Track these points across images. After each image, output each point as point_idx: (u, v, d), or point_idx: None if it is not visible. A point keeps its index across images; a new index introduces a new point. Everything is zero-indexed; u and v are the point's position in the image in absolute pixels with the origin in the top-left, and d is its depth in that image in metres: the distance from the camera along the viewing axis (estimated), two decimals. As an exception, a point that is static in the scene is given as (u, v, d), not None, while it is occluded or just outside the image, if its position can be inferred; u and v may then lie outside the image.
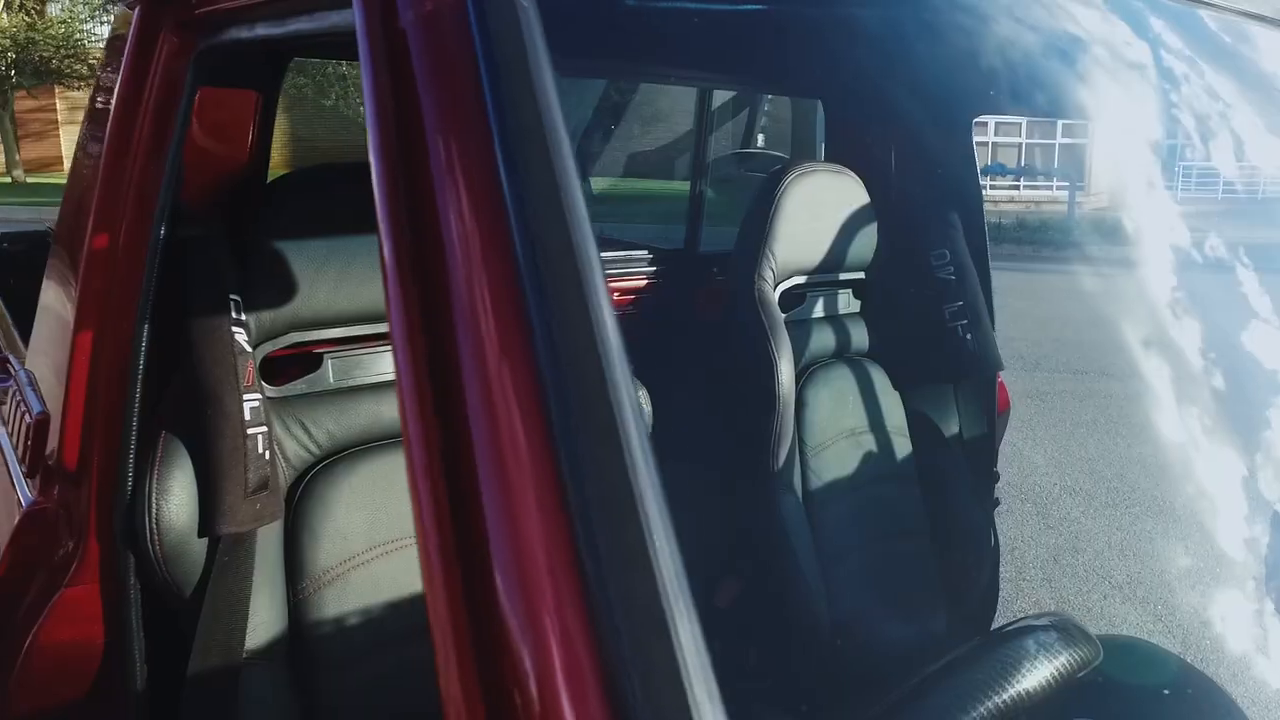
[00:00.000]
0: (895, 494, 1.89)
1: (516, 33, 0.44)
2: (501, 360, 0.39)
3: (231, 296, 1.13)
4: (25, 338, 1.63)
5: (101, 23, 17.50)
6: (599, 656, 0.35)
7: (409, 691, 1.25)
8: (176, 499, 1.04)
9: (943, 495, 1.93)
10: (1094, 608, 3.21)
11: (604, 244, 2.13)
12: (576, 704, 0.34)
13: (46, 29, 16.43)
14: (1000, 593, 2.06)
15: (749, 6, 1.22)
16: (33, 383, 1.24)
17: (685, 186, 2.32)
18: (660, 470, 0.39)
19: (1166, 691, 1.40)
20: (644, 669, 0.35)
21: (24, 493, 1.14)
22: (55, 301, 1.19)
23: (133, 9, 1.10)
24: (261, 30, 0.85)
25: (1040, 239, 11.58)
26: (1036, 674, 0.71)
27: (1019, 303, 8.16)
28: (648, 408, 1.32)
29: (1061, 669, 0.73)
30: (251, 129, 1.25)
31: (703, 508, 1.71)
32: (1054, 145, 16.40)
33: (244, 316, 1.15)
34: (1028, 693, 0.70)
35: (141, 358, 1.04)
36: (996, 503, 2.06)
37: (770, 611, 1.69)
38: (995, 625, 2.05)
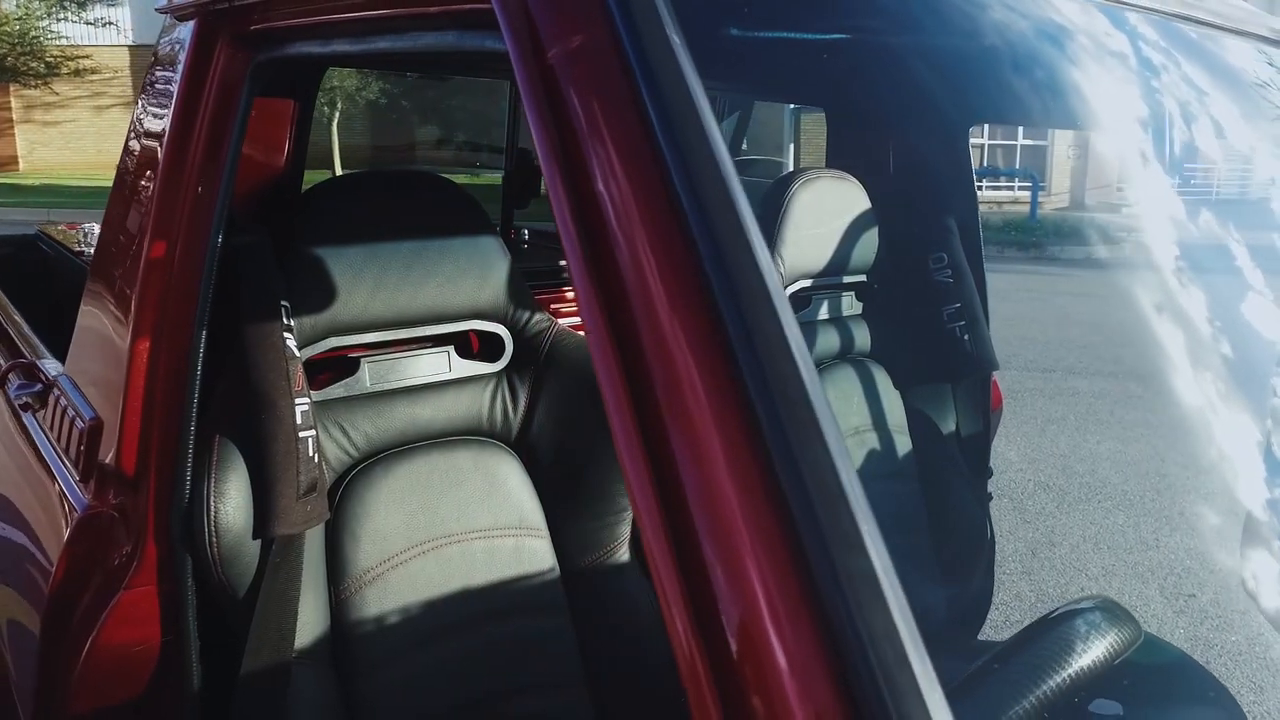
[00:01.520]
0: (896, 490, 1.95)
1: (674, 64, 0.48)
2: (676, 332, 0.44)
3: (281, 302, 1.16)
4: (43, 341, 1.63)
5: (58, 19, 17.18)
6: (811, 609, 0.40)
7: (448, 689, 1.28)
8: (233, 502, 1.07)
9: (941, 491, 1.99)
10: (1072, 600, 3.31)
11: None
12: (788, 651, 0.39)
13: (2, 26, 16.09)
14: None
15: (791, 35, 1.27)
16: (78, 389, 1.25)
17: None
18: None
19: (1162, 673, 1.46)
20: (863, 626, 0.39)
21: (76, 497, 1.15)
22: (102, 310, 1.21)
23: (182, 21, 1.12)
24: (339, 46, 0.88)
25: (1003, 239, 11.78)
26: (1091, 653, 0.77)
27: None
28: None
29: (1111, 648, 0.78)
30: (288, 137, 1.28)
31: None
32: (1015, 146, 16.70)
33: (290, 321, 1.18)
34: (1084, 670, 0.76)
35: (199, 364, 1.07)
36: (990, 497, 2.13)
37: None
38: (990, 617, 2.13)
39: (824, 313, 1.92)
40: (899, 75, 1.83)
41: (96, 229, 3.22)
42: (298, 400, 1.13)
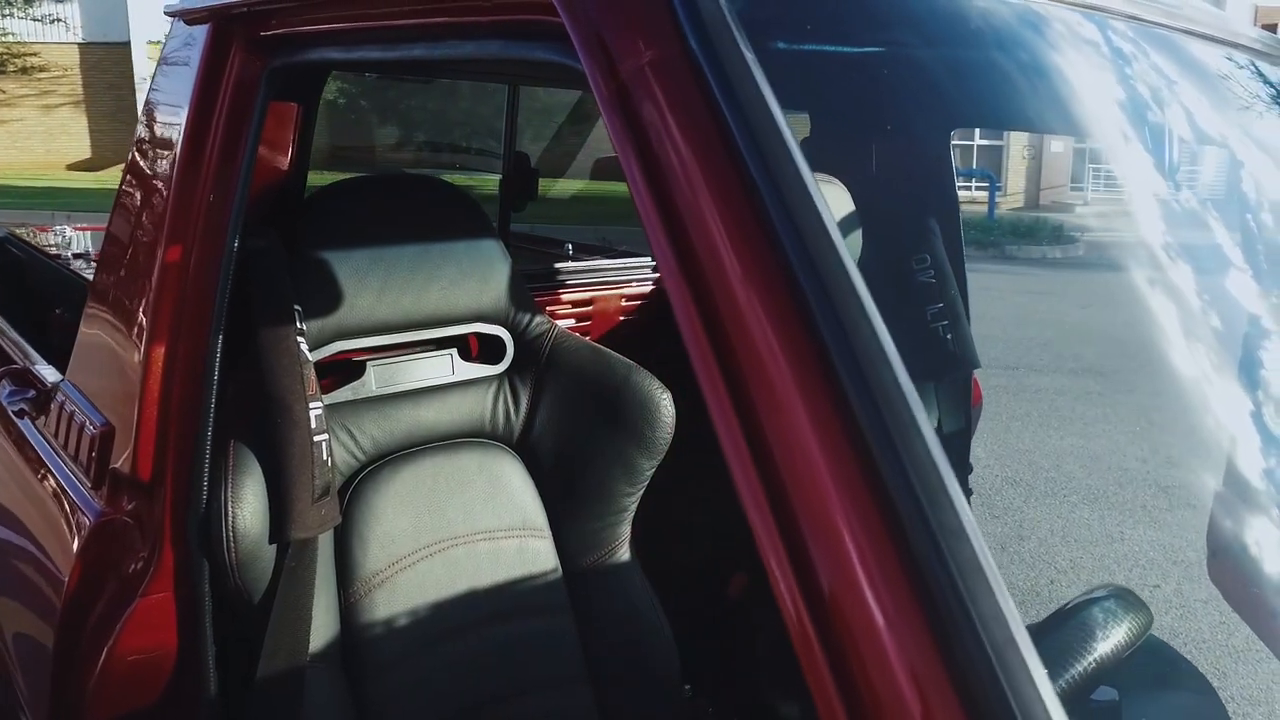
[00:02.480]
0: None
1: (749, 76, 0.50)
2: (765, 330, 0.47)
3: (294, 306, 1.16)
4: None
5: (4, 15, 16.78)
6: (906, 568, 0.43)
7: (455, 691, 1.29)
8: (250, 506, 1.07)
9: (925, 487, 2.03)
10: (1042, 592, 3.38)
11: (612, 254, 2.19)
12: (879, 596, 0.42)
13: (-56, 22, 15.70)
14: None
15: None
16: (84, 395, 1.24)
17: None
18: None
19: (1146, 660, 1.51)
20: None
21: (87, 504, 1.14)
22: (111, 316, 1.20)
23: (192, 25, 1.12)
24: (366, 53, 0.89)
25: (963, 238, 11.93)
26: (1110, 640, 0.80)
27: (947, 301, 8.41)
28: (671, 409, 1.38)
29: (1128, 634, 0.82)
30: (292, 141, 1.28)
31: (713, 501, 1.78)
32: (972, 146, 16.95)
33: (303, 325, 1.18)
34: (1104, 657, 0.79)
35: (215, 369, 1.07)
36: (970, 493, 2.17)
37: (778, 604, 1.77)
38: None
39: None
40: (886, 80, 1.87)
41: (69, 230, 3.17)
42: (311, 404, 1.13)
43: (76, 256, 2.51)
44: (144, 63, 18.56)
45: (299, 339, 1.15)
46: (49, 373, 1.43)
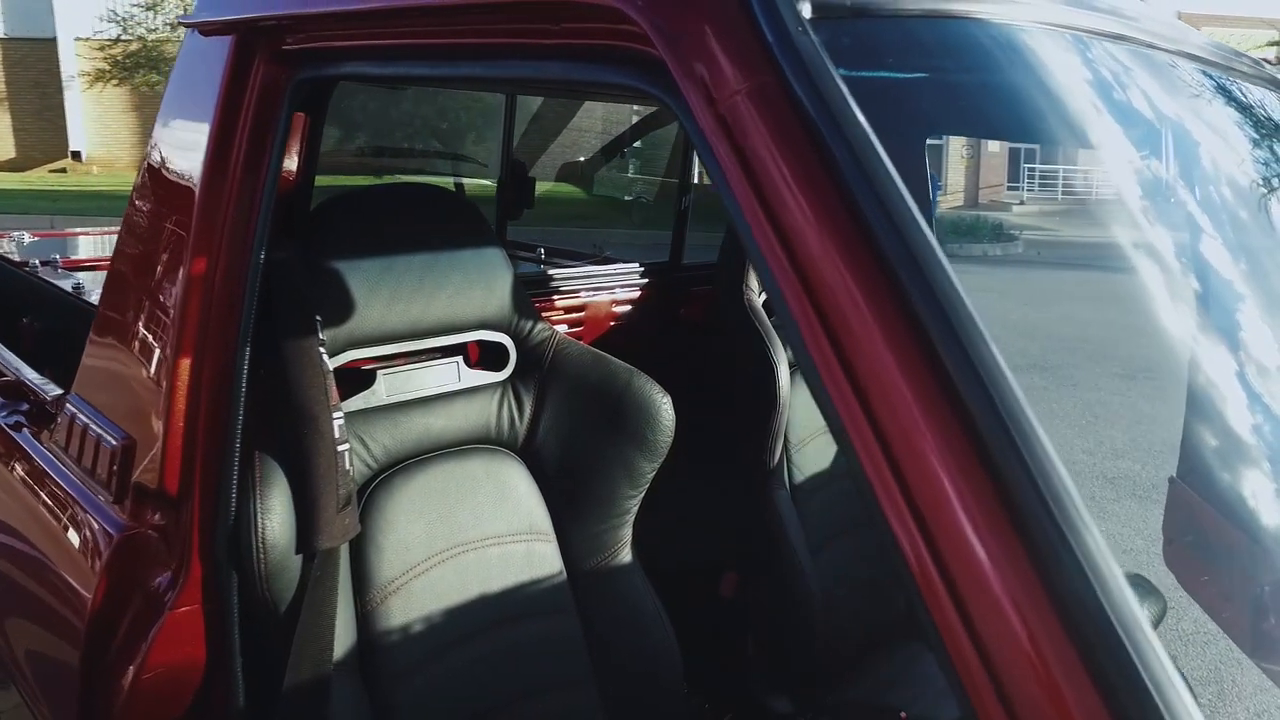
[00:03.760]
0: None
1: (843, 100, 0.54)
2: (877, 339, 0.54)
3: (315, 317, 1.16)
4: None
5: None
6: (1008, 514, 0.50)
7: (469, 695, 1.30)
8: (278, 517, 1.07)
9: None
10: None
11: (601, 260, 2.22)
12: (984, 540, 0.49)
13: None
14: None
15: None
16: (98, 410, 1.23)
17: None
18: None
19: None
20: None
21: (109, 519, 1.13)
22: (126, 330, 1.19)
23: (208, 36, 1.11)
24: (409, 69, 0.90)
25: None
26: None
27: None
28: (671, 412, 1.41)
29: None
30: (299, 151, 1.28)
31: (705, 503, 1.82)
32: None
33: (323, 335, 1.18)
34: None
35: (243, 381, 1.07)
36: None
37: (768, 602, 1.81)
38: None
39: None
40: (860, 93, 1.91)
41: (27, 236, 3.08)
42: (334, 414, 1.14)
43: (44, 264, 2.46)
44: (71, 60, 18.01)
45: (320, 349, 1.15)
46: (38, 380, 1.40)
